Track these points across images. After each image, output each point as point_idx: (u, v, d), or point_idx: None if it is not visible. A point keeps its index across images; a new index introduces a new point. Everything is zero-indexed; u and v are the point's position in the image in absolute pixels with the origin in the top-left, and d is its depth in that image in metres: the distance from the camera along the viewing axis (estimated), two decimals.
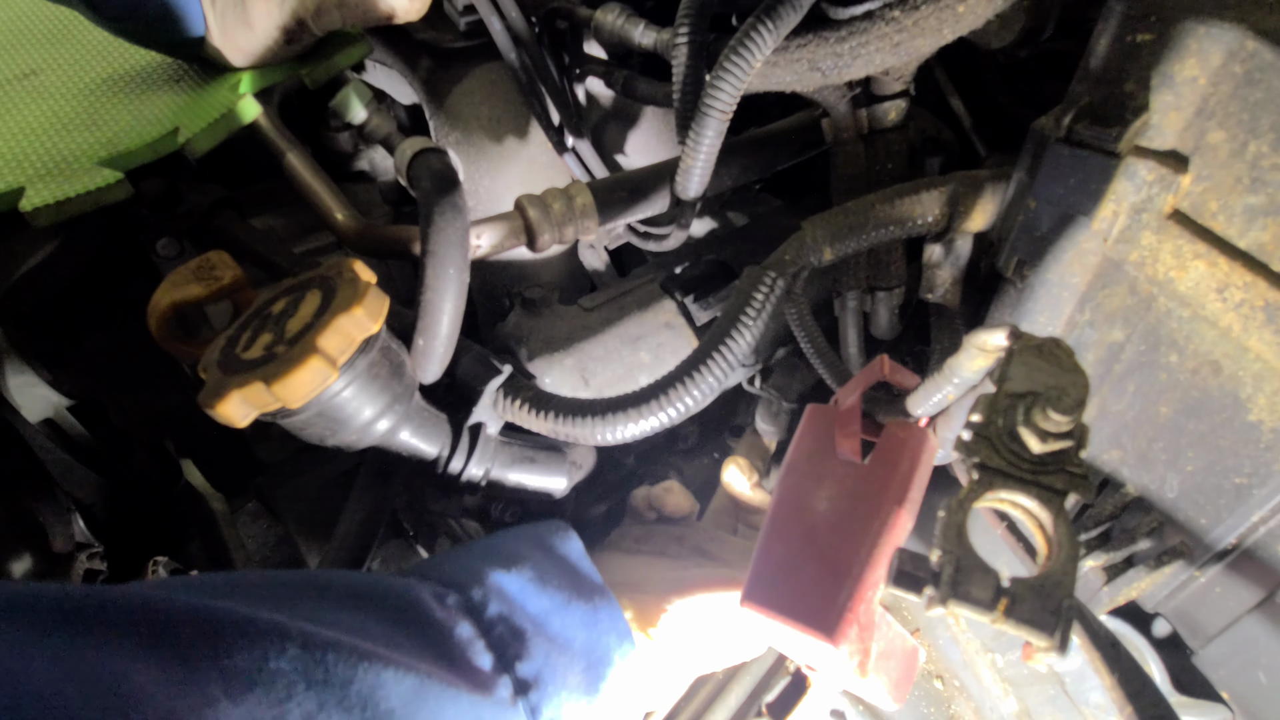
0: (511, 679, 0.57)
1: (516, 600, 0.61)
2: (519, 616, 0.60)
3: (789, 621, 0.59)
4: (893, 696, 0.62)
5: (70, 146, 0.82)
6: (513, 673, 0.57)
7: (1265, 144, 0.53)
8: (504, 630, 0.59)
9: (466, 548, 0.70)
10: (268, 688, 0.44)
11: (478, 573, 0.62)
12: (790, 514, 0.63)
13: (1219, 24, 0.53)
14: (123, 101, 0.90)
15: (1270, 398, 0.56)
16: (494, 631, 0.58)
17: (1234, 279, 0.55)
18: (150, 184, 0.83)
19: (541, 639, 0.60)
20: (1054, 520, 0.42)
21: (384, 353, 0.66)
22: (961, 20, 0.68)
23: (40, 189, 0.75)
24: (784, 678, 0.99)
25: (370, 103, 0.94)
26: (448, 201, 0.71)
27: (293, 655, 0.46)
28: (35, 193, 0.74)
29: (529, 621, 0.60)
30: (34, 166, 0.79)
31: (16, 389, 1.09)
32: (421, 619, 0.56)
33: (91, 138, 0.84)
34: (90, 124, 0.86)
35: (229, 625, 0.45)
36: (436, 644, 0.55)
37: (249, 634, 0.45)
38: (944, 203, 0.74)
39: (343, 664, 0.47)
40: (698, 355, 0.69)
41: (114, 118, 0.87)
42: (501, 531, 0.72)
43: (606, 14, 0.93)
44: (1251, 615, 0.64)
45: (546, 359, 0.91)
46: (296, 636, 0.47)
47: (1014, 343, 0.49)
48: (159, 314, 0.71)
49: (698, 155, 0.79)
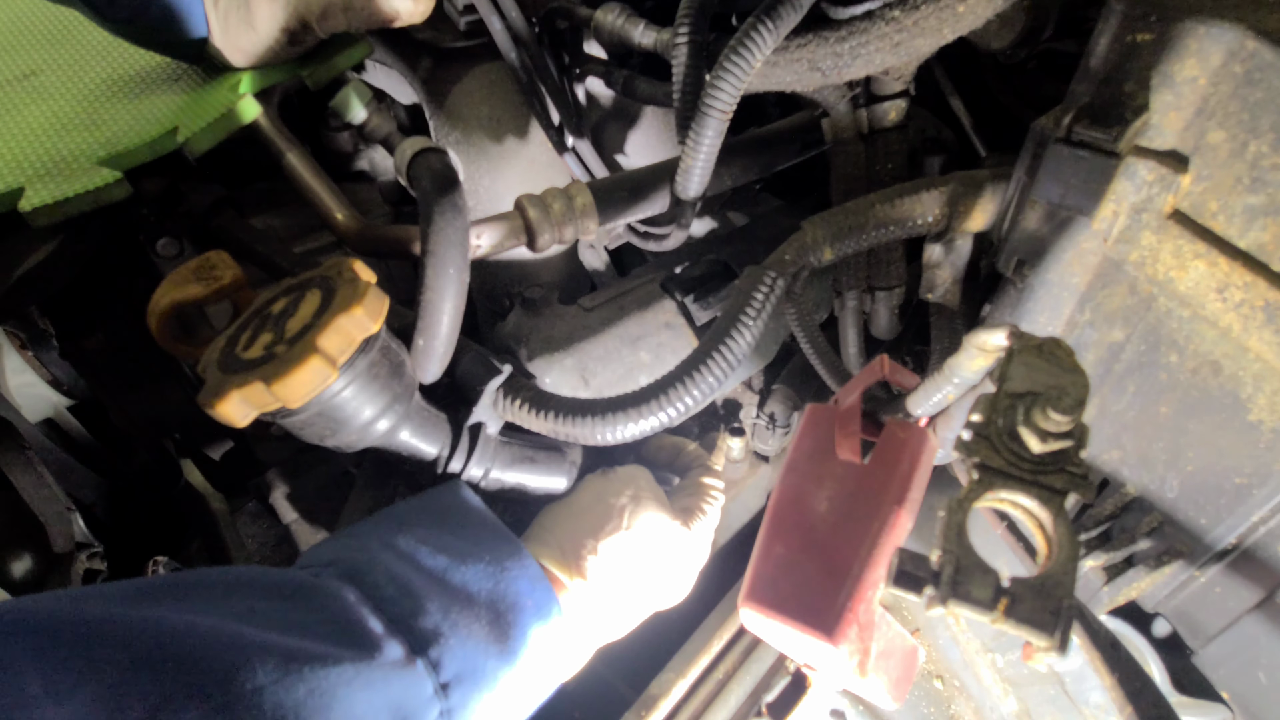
0: (405, 638, 0.55)
1: (409, 558, 0.60)
2: (411, 574, 0.58)
3: (789, 621, 0.59)
4: (892, 696, 0.62)
5: (70, 146, 0.82)
6: (408, 632, 0.55)
7: (1265, 144, 0.53)
8: (394, 590, 0.57)
9: (360, 522, 0.68)
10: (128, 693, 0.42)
11: (363, 540, 0.61)
12: (790, 514, 0.63)
13: (1219, 24, 0.53)
14: (122, 102, 0.90)
15: (1270, 398, 0.56)
16: (382, 593, 0.57)
17: (1234, 279, 0.55)
18: (150, 184, 0.83)
19: (438, 593, 0.58)
20: (1054, 520, 0.42)
21: (384, 353, 0.66)
22: (961, 20, 0.68)
23: (40, 189, 0.75)
24: (784, 678, 0.99)
25: (370, 103, 0.94)
26: (448, 201, 0.71)
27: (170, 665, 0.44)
28: (35, 193, 0.74)
29: (423, 578, 0.59)
30: (34, 166, 0.79)
31: (16, 389, 1.09)
32: (302, 594, 0.54)
33: (91, 138, 0.84)
34: (90, 124, 0.86)
35: (99, 628, 0.44)
36: (320, 617, 0.53)
37: (114, 639, 0.44)
38: (944, 203, 0.74)
39: (219, 666, 0.46)
40: (698, 355, 0.69)
41: (113, 118, 0.87)
42: (399, 501, 0.72)
43: (606, 14, 0.93)
44: (1251, 615, 0.64)
45: (546, 359, 0.91)
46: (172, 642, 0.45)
47: (1014, 343, 0.49)
48: (159, 314, 0.71)
49: (698, 155, 0.79)
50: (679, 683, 0.95)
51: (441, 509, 0.67)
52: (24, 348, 1.10)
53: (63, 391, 1.14)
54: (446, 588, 0.59)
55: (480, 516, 0.67)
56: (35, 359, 1.10)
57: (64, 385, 1.13)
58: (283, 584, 0.55)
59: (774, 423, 1.08)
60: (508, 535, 0.66)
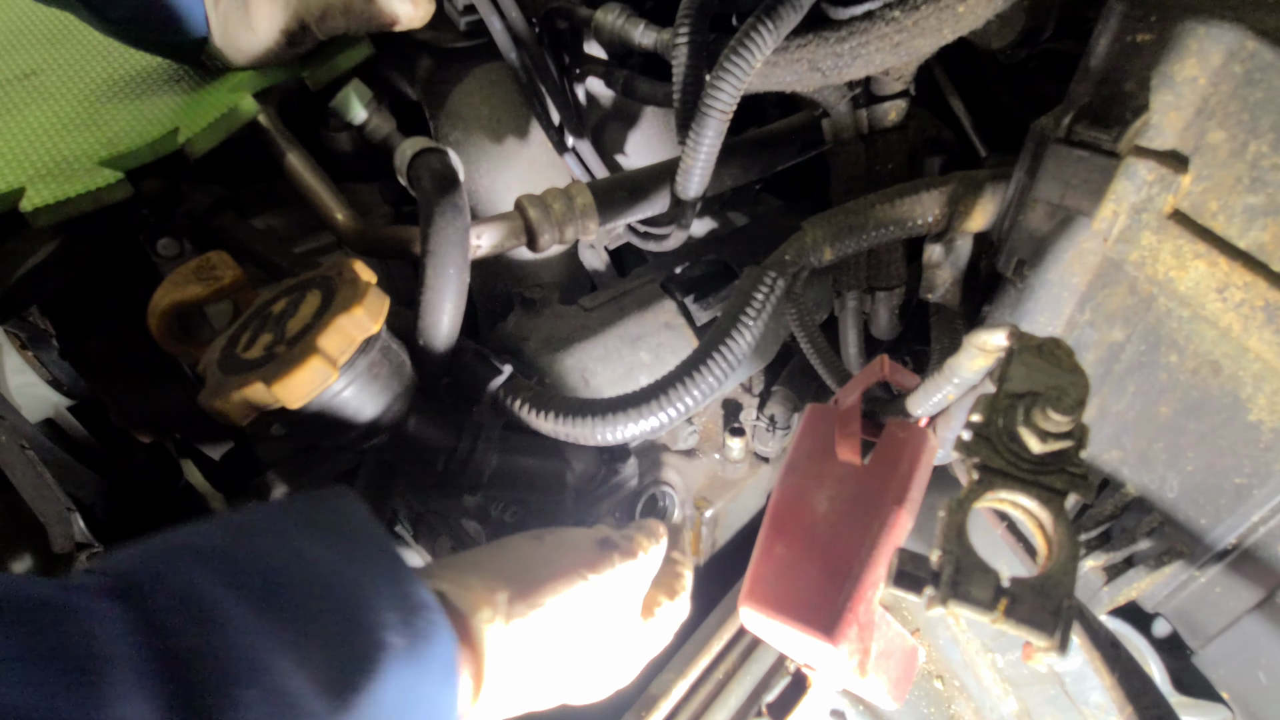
0: (171, 690, 0.38)
1: (230, 571, 0.43)
2: (222, 594, 0.42)
3: (789, 621, 0.59)
4: (892, 696, 0.62)
5: (70, 147, 0.82)
6: (182, 681, 0.38)
7: (1265, 144, 0.53)
8: (183, 617, 0.40)
9: (195, 523, 0.49)
10: None
11: (175, 541, 0.45)
12: (790, 514, 0.63)
13: (1219, 24, 0.53)
14: (123, 102, 0.90)
15: (1270, 398, 0.56)
16: (165, 618, 0.40)
17: (1234, 279, 0.55)
18: (150, 184, 0.83)
19: (253, 624, 0.41)
20: (1054, 520, 0.42)
21: (384, 353, 0.66)
22: (961, 20, 0.68)
23: (41, 189, 0.75)
24: (784, 678, 0.99)
25: (370, 103, 0.94)
26: (448, 201, 0.71)
27: None
28: (36, 192, 0.74)
29: (241, 599, 0.42)
30: (34, 167, 0.79)
31: (16, 389, 1.09)
32: (39, 614, 0.38)
33: (92, 138, 0.84)
34: (90, 124, 0.86)
35: None
36: (45, 648, 0.36)
37: None
38: (944, 203, 0.74)
39: None
40: (698, 355, 0.69)
41: (114, 118, 0.87)
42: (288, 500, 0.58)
43: (606, 14, 0.93)
44: (1251, 615, 0.64)
45: (546, 359, 0.91)
46: None
47: (1014, 343, 0.49)
48: (159, 314, 0.71)
49: (698, 155, 0.79)
50: (679, 683, 0.95)
51: (309, 512, 0.51)
52: (24, 348, 1.10)
53: (63, 391, 1.14)
54: (269, 617, 0.42)
55: (364, 526, 0.51)
56: (35, 359, 1.10)
57: (64, 385, 1.13)
58: (19, 598, 0.38)
59: (774, 424, 1.08)
60: (394, 555, 0.49)
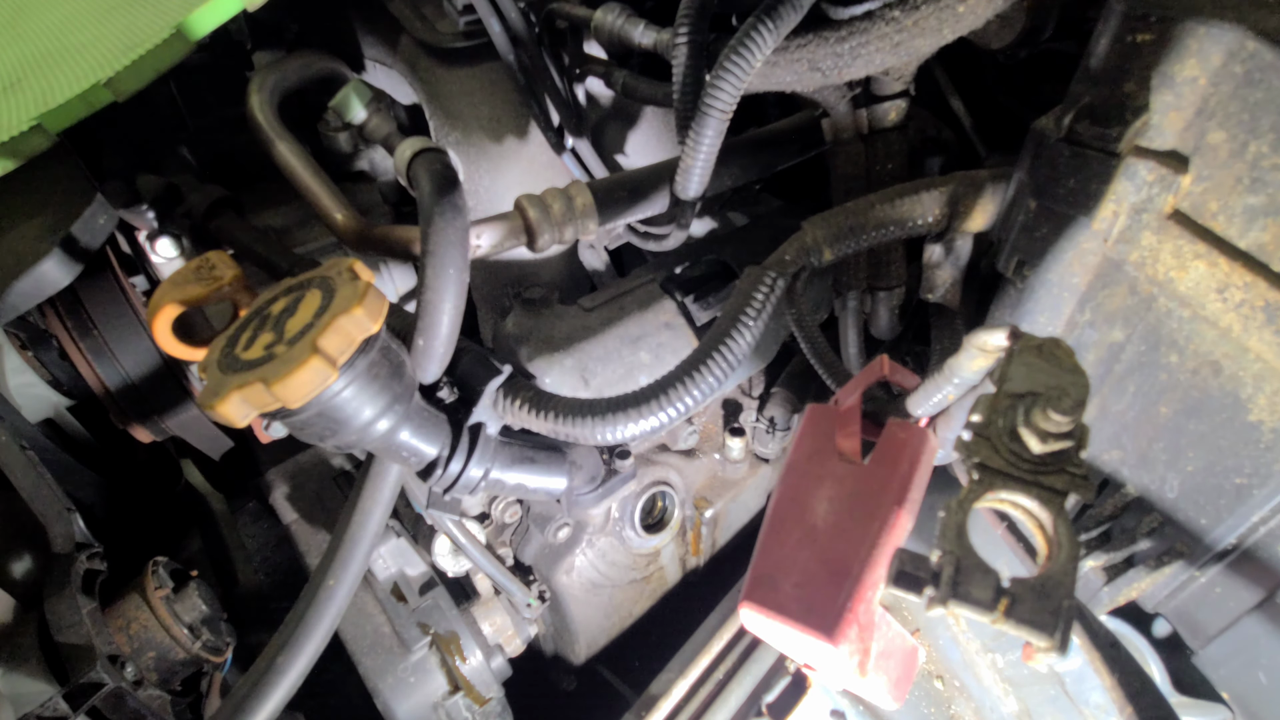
0: None
1: None
2: None
3: (789, 621, 0.59)
4: (892, 696, 0.62)
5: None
6: None
7: (1265, 144, 0.53)
8: None
9: None
10: None
11: None
12: (790, 514, 0.63)
13: (1219, 24, 0.53)
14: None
15: (1270, 398, 0.56)
16: None
17: (1234, 279, 0.55)
18: (149, 183, 0.83)
19: None
20: (1054, 520, 0.42)
21: (384, 353, 0.66)
22: (961, 20, 0.68)
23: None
24: (784, 678, 0.99)
25: (370, 103, 0.94)
26: (448, 201, 0.71)
27: None
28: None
29: None
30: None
31: (16, 389, 1.09)
32: None
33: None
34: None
35: None
36: None
37: None
38: (944, 203, 0.74)
39: None
40: (698, 355, 0.69)
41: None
42: None
43: (606, 14, 0.93)
44: (1251, 615, 0.64)
45: (546, 359, 0.91)
46: None
47: (1014, 343, 0.49)
48: (159, 314, 0.71)
49: (698, 155, 0.79)
50: (679, 683, 0.95)
51: None
52: (24, 348, 1.10)
53: (63, 391, 1.14)
54: None
55: None
56: (35, 359, 1.10)
57: (64, 385, 1.13)
58: None
59: (774, 426, 1.08)
60: None
